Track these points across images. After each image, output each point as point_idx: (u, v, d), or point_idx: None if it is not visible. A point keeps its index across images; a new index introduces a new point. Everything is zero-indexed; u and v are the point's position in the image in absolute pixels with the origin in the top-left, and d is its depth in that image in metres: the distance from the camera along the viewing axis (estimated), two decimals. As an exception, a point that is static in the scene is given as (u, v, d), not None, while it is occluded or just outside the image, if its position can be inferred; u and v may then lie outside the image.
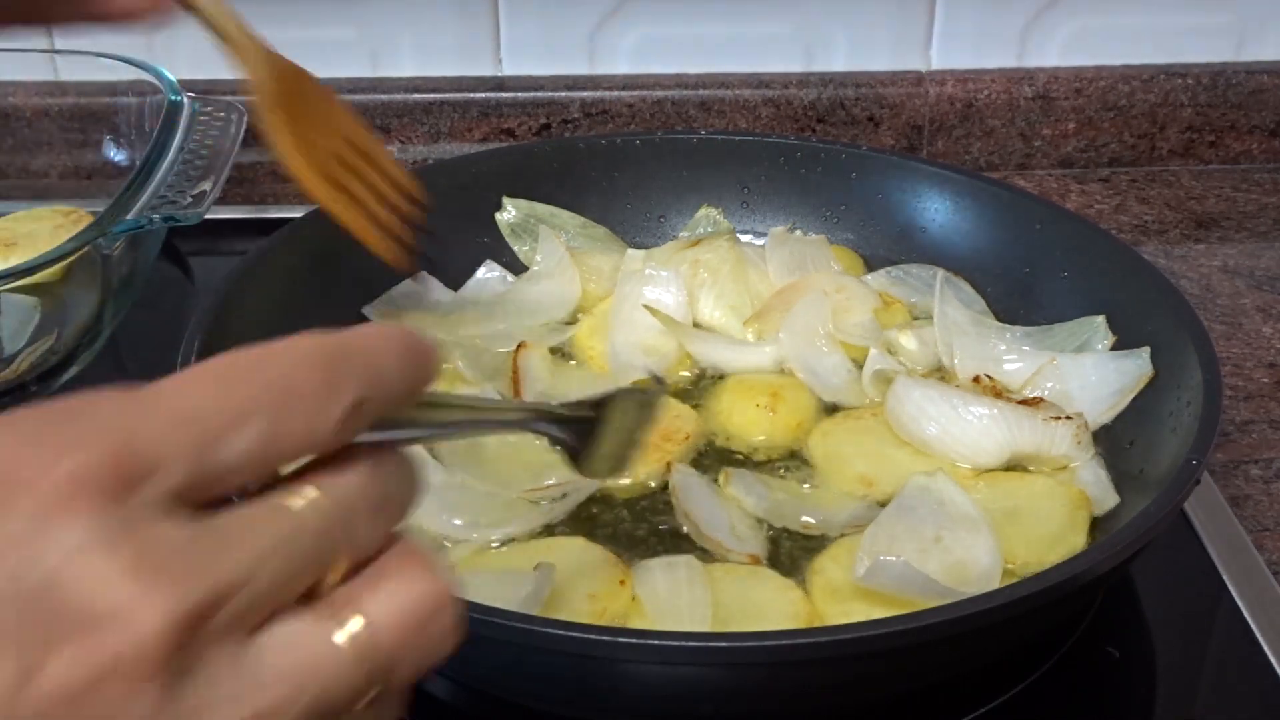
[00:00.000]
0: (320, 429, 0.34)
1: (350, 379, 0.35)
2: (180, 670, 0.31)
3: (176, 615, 0.31)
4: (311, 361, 0.35)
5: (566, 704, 0.67)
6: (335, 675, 0.34)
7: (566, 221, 0.98)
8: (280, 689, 0.33)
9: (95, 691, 0.30)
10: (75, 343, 0.88)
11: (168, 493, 0.32)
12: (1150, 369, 0.80)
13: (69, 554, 0.30)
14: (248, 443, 0.33)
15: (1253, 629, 0.73)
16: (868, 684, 0.63)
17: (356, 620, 0.34)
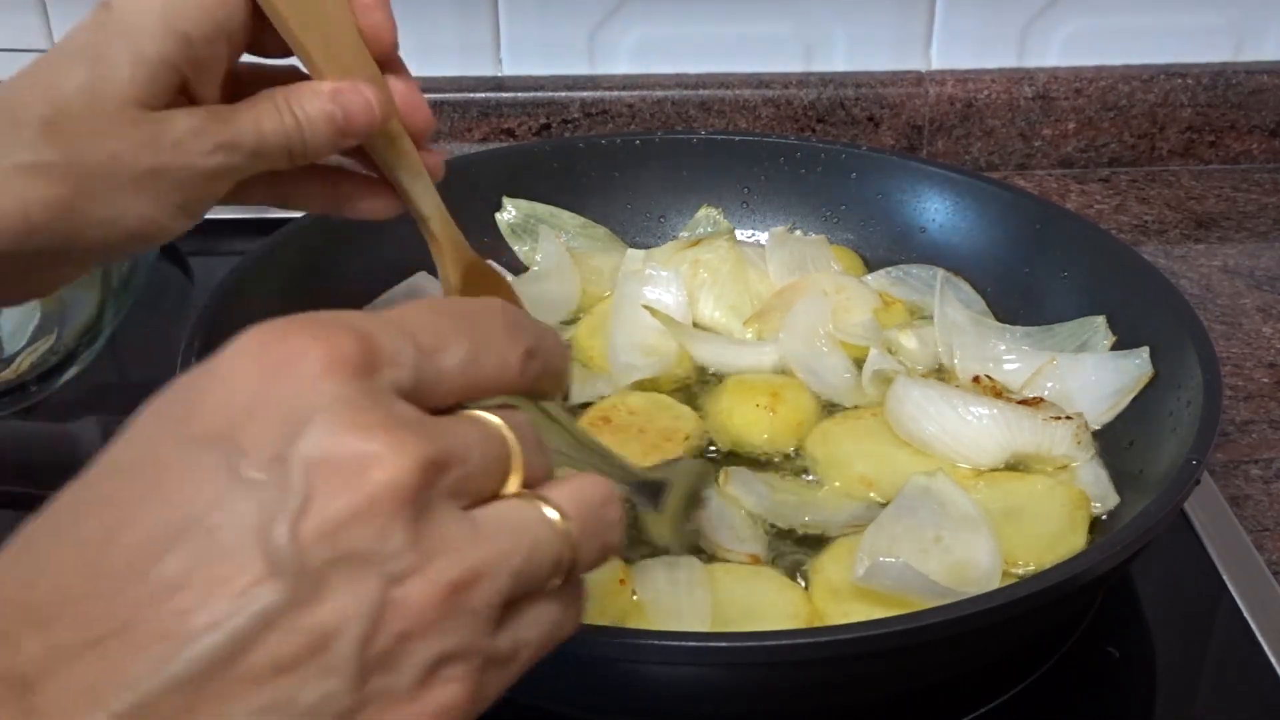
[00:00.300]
0: (507, 365, 0.41)
1: (523, 332, 0.42)
2: (421, 514, 0.37)
3: (420, 462, 0.37)
4: (497, 312, 0.42)
5: (566, 704, 0.67)
6: (539, 541, 0.40)
7: (566, 221, 0.98)
8: (499, 544, 0.39)
9: (356, 523, 0.36)
10: (75, 343, 0.88)
11: (398, 384, 0.38)
12: (1150, 369, 0.80)
13: (329, 415, 0.36)
14: (456, 360, 0.40)
15: (1253, 629, 0.73)
16: (868, 684, 0.63)
17: (550, 506, 0.40)
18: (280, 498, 0.36)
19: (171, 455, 0.37)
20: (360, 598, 0.36)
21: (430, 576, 0.37)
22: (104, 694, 0.34)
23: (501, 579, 0.38)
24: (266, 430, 0.36)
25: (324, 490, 0.36)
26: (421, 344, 0.39)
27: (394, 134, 0.63)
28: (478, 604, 0.38)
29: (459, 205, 0.95)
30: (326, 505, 0.36)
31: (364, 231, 0.88)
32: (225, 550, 0.35)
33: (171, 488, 0.36)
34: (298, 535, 0.35)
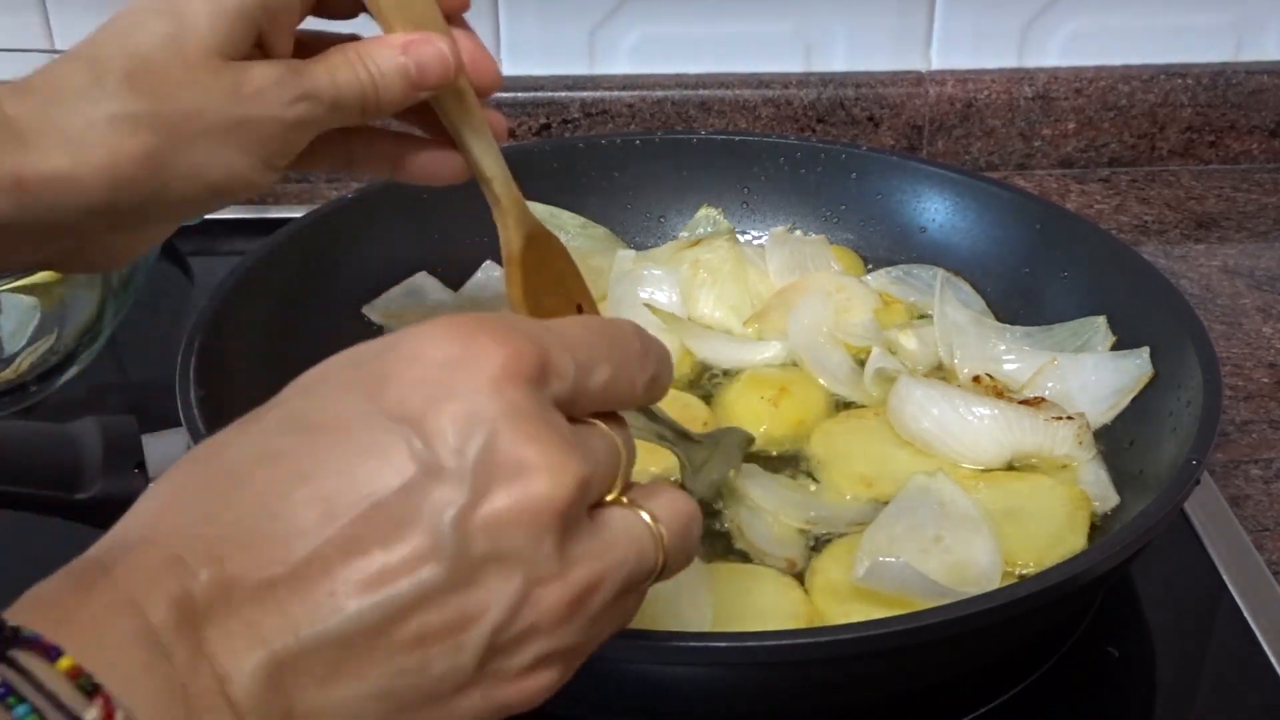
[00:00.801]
0: (635, 387, 0.45)
1: (653, 357, 0.46)
2: (568, 526, 0.40)
3: (576, 479, 0.40)
4: (634, 337, 0.46)
5: (566, 704, 0.66)
6: (645, 550, 0.43)
7: (566, 221, 0.98)
8: (619, 552, 0.42)
9: (518, 526, 0.39)
10: (75, 343, 0.88)
11: (559, 396, 0.42)
12: (1150, 369, 0.80)
13: (507, 419, 0.39)
14: (602, 380, 0.43)
15: (1253, 629, 0.73)
16: (868, 684, 0.63)
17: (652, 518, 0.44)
18: (454, 487, 0.39)
19: (361, 424, 0.39)
20: (505, 591, 0.39)
21: (566, 583, 0.41)
22: (268, 635, 0.37)
23: (616, 585, 0.42)
24: (449, 421, 0.39)
25: (492, 489, 0.39)
26: (579, 361, 0.43)
27: (462, 90, 0.63)
28: (594, 608, 0.42)
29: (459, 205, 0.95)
30: (493, 504, 0.39)
31: (364, 231, 0.88)
32: (398, 525, 0.38)
33: (358, 456, 0.39)
34: (464, 525, 0.39)
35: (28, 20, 1.16)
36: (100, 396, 0.90)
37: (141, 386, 0.97)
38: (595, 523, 0.42)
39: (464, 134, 0.65)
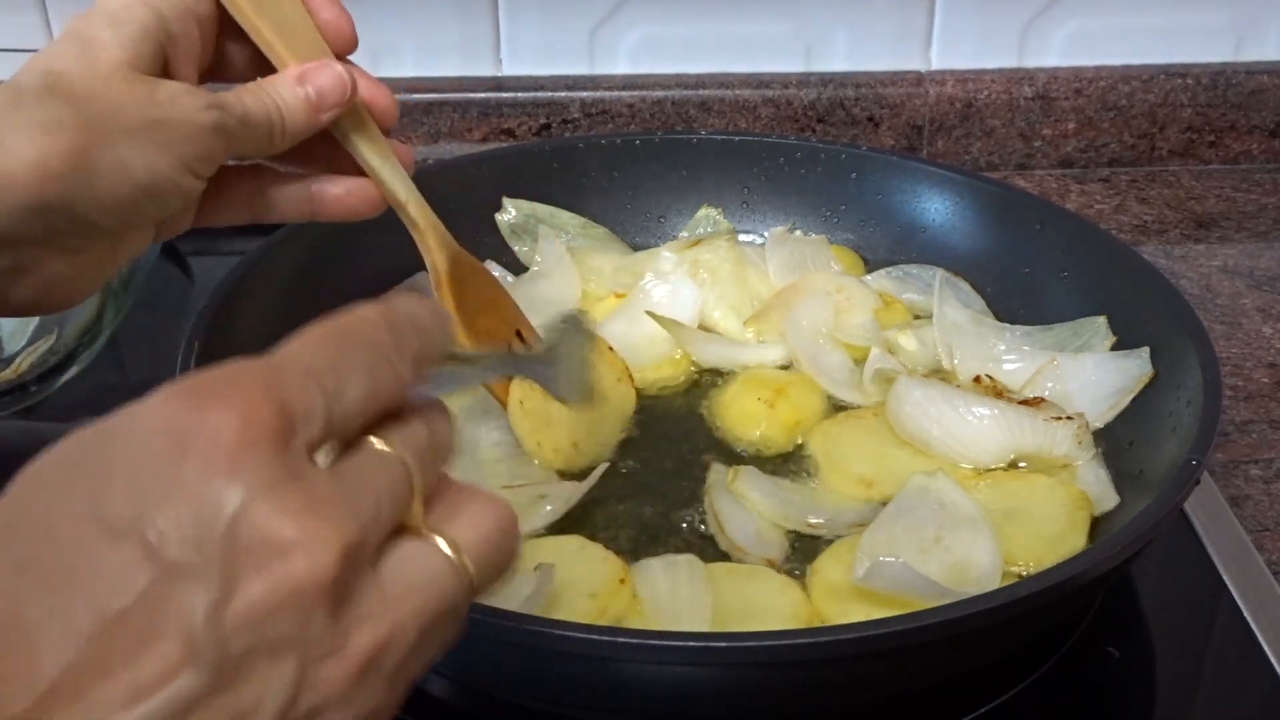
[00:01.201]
0: (400, 378, 0.41)
1: (408, 337, 0.42)
2: (341, 595, 0.37)
3: (340, 548, 0.37)
4: (380, 325, 0.41)
5: (566, 704, 0.67)
6: (445, 585, 0.40)
7: (566, 221, 0.98)
8: (409, 602, 0.39)
9: (280, 611, 0.36)
10: (75, 343, 0.88)
11: (311, 441, 0.38)
12: (1150, 369, 0.80)
13: (249, 498, 0.36)
14: (359, 390, 0.40)
15: (1253, 629, 0.73)
16: (868, 684, 0.63)
17: (446, 542, 0.41)
18: (201, 584, 0.35)
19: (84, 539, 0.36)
20: (278, 680, 0.36)
21: (348, 655, 0.38)
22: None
23: (410, 638, 0.39)
24: (184, 513, 0.36)
25: (245, 577, 0.36)
26: (326, 388, 0.39)
27: (361, 117, 0.67)
28: (388, 668, 0.39)
29: (459, 205, 0.95)
30: (247, 594, 0.35)
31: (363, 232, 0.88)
32: (145, 637, 0.35)
33: (87, 577, 0.35)
34: (219, 623, 0.35)
35: (28, 20, 1.16)
36: (100, 396, 0.90)
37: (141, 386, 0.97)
38: (380, 573, 0.39)
39: (372, 161, 0.67)
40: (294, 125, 0.63)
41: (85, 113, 0.57)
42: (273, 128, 0.62)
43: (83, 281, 0.63)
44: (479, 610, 0.58)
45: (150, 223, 0.63)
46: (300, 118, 0.63)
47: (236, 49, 0.66)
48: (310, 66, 0.63)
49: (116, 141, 0.58)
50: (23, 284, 0.60)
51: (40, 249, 0.59)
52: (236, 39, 0.65)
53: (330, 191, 0.68)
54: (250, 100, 0.62)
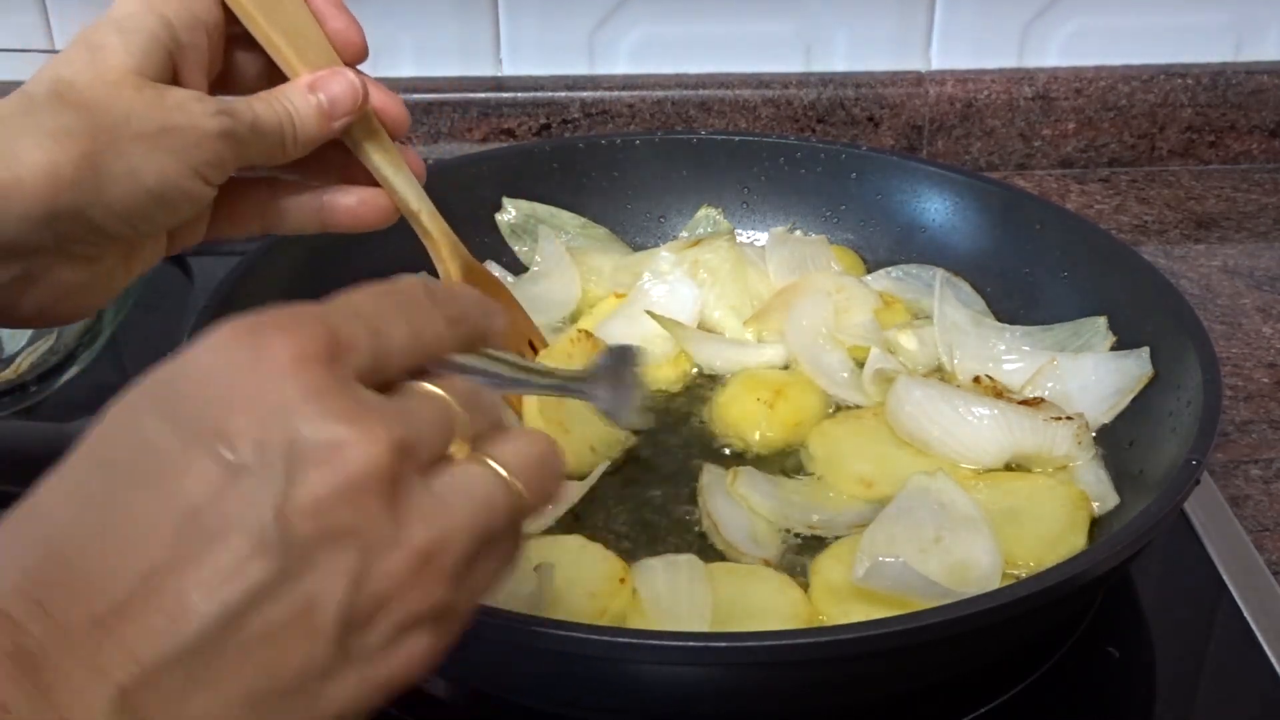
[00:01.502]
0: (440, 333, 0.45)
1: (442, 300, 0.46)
2: (395, 491, 0.40)
3: (391, 444, 0.40)
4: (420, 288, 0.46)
5: (566, 704, 0.67)
6: (495, 502, 0.43)
7: (566, 221, 0.98)
8: (462, 510, 0.42)
9: (339, 502, 0.39)
10: (75, 343, 0.88)
11: (359, 367, 0.41)
12: (1150, 369, 0.80)
13: (306, 404, 0.39)
14: (401, 334, 0.43)
15: (1253, 629, 0.73)
16: (868, 684, 0.63)
17: (496, 462, 0.44)
18: (266, 482, 0.39)
19: (163, 448, 0.39)
20: (342, 568, 0.39)
21: (405, 547, 0.40)
22: (109, 668, 0.37)
23: (466, 542, 0.42)
24: (249, 421, 0.39)
25: (306, 474, 0.39)
26: (371, 326, 0.42)
27: (373, 126, 0.67)
28: (444, 568, 0.41)
29: (459, 205, 0.95)
30: (309, 487, 0.39)
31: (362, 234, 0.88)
32: (219, 532, 0.38)
33: (166, 479, 0.39)
34: (284, 515, 0.38)
35: (28, 20, 1.16)
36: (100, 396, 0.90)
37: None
38: (432, 483, 0.42)
39: (384, 171, 0.67)
40: (306, 133, 0.63)
41: (95, 119, 0.58)
42: (284, 135, 0.63)
43: (94, 292, 0.63)
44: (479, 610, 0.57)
45: (161, 230, 0.63)
46: (312, 125, 0.63)
47: (247, 60, 0.66)
48: (322, 74, 0.64)
49: (126, 148, 0.58)
50: (34, 293, 0.61)
51: (52, 258, 0.59)
52: (247, 49, 0.66)
53: (342, 202, 0.68)
54: (261, 107, 0.62)
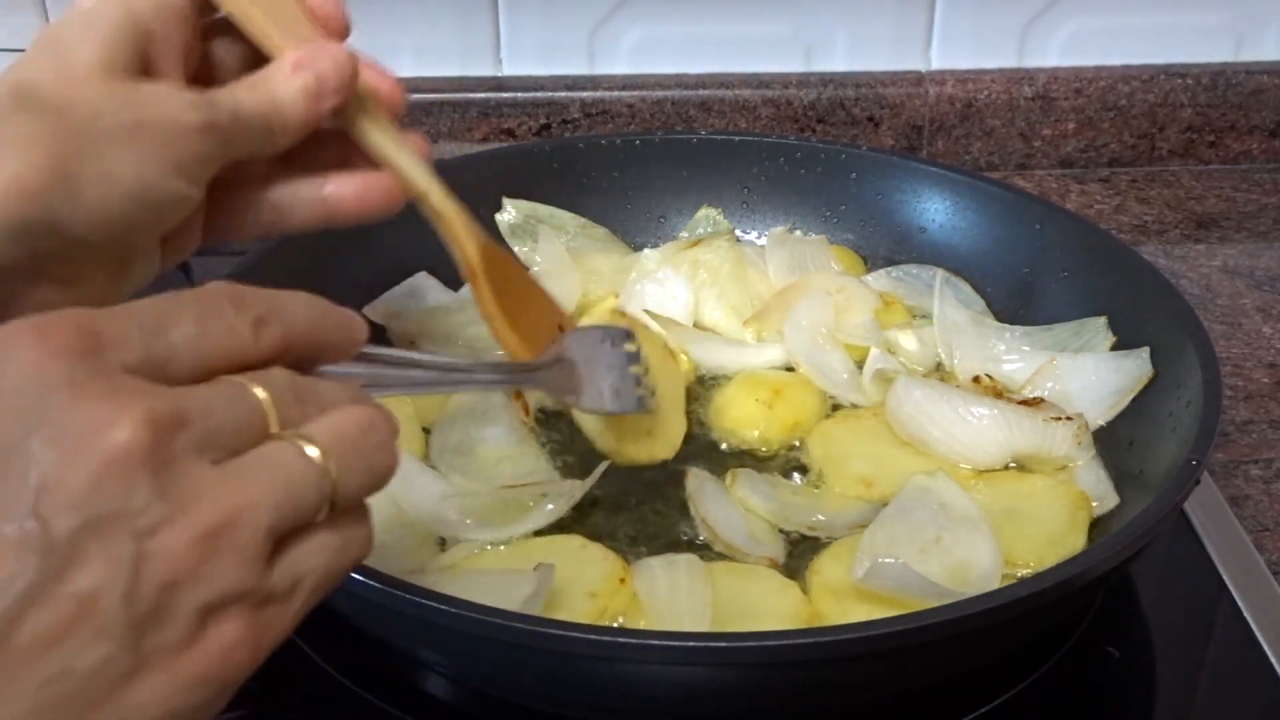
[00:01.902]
0: (238, 333, 0.43)
1: (251, 303, 0.43)
2: (162, 467, 0.38)
3: (148, 418, 0.38)
4: (222, 290, 0.43)
5: (567, 704, 0.67)
6: (295, 477, 0.41)
7: (566, 222, 0.98)
8: (252, 486, 0.40)
9: (98, 488, 0.37)
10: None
11: (125, 363, 0.40)
12: (1150, 369, 0.80)
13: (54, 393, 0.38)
14: (183, 336, 0.41)
15: (1253, 629, 0.73)
16: (868, 684, 0.63)
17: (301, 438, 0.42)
18: (17, 477, 0.37)
19: None
20: (114, 556, 0.37)
21: (183, 525, 0.38)
22: None
23: (260, 518, 0.40)
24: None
25: (60, 462, 0.37)
26: (146, 324, 0.41)
27: (367, 105, 0.63)
28: (239, 545, 0.39)
29: (459, 205, 0.95)
30: (63, 476, 0.37)
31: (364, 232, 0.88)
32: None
33: None
34: (40, 511, 0.37)
35: (28, 20, 1.16)
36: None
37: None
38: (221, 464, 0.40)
39: (385, 150, 0.64)
40: (293, 118, 0.59)
41: (62, 122, 0.54)
42: (270, 122, 0.59)
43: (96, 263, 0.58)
44: (478, 610, 0.58)
45: (149, 239, 0.59)
46: (299, 109, 0.59)
47: (227, 49, 0.63)
48: (305, 53, 0.59)
49: (98, 149, 0.54)
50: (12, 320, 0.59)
51: (30, 279, 0.55)
52: (226, 38, 0.62)
53: (346, 190, 0.64)
54: (244, 94, 0.58)
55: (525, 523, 0.73)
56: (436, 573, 0.69)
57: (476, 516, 0.73)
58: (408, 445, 0.78)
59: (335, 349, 0.47)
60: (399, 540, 0.72)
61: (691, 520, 0.75)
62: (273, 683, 0.70)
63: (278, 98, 0.59)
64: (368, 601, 0.60)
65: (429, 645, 0.66)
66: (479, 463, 0.78)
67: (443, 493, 0.74)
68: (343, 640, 0.70)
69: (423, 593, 0.58)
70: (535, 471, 0.77)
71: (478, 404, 0.80)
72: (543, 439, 0.81)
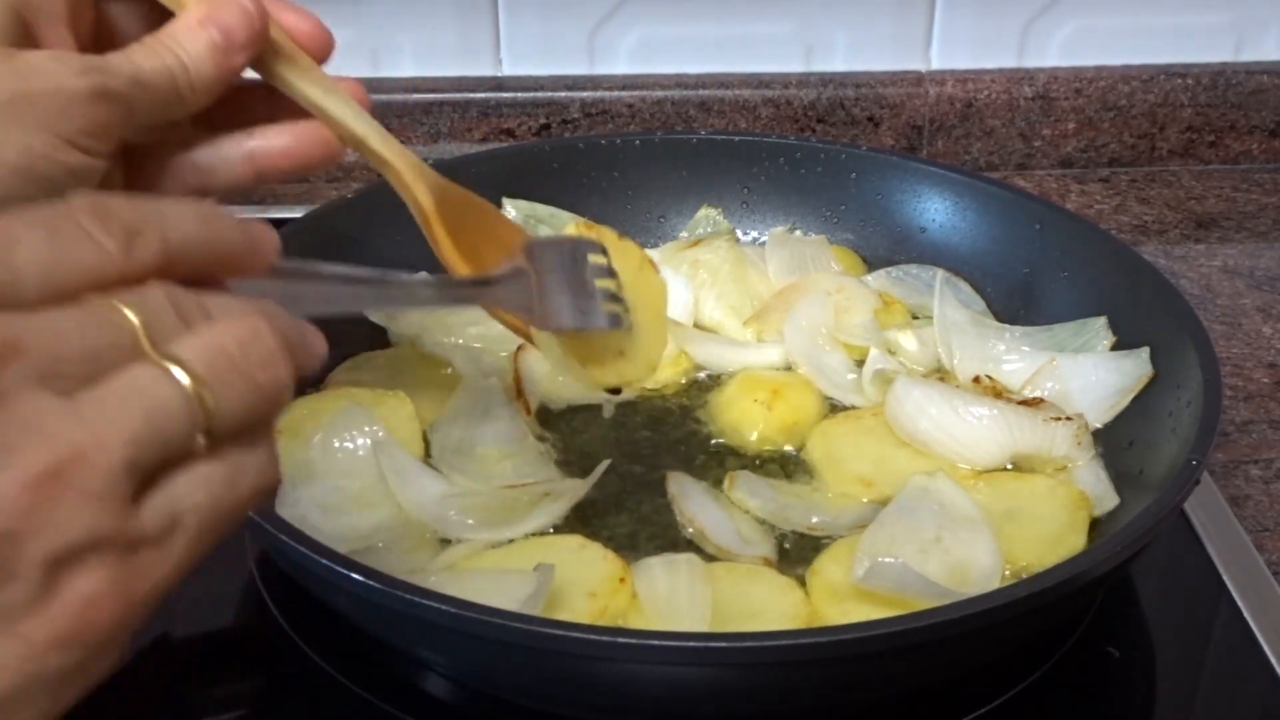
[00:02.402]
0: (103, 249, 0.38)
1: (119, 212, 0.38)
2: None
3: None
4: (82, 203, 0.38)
5: (567, 704, 0.67)
6: (157, 403, 0.37)
7: (566, 222, 0.98)
8: (103, 418, 0.35)
9: None
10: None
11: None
12: (1150, 369, 0.80)
13: None
14: (34, 252, 0.36)
15: (1253, 629, 0.73)
16: (868, 684, 0.63)
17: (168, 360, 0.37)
18: None
19: None
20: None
21: (19, 465, 0.34)
22: None
23: (113, 453, 0.35)
24: None
25: None
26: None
27: (288, 50, 0.59)
28: (89, 484, 0.35)
29: (459, 205, 0.95)
30: None
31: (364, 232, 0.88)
32: None
33: None
34: None
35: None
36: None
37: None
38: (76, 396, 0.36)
39: (312, 95, 0.59)
40: (202, 76, 0.55)
41: None
42: (177, 83, 0.54)
43: None
44: (478, 610, 0.58)
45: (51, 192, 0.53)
46: (208, 66, 0.55)
47: (122, 9, 0.59)
48: (209, 6, 0.55)
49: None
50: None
51: None
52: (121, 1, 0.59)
53: (274, 144, 0.60)
54: (144, 56, 0.54)
55: (526, 522, 0.73)
56: (436, 573, 0.69)
57: (478, 516, 0.73)
58: (408, 445, 0.78)
59: (237, 263, 0.42)
60: (399, 540, 0.72)
61: (691, 521, 0.75)
62: (273, 683, 0.71)
63: (183, 56, 0.55)
64: (368, 601, 0.60)
65: (429, 645, 0.66)
66: (480, 462, 0.78)
67: (443, 493, 0.74)
68: (343, 640, 0.70)
69: (423, 593, 0.58)
70: (536, 471, 0.77)
71: (478, 403, 0.80)
72: (543, 438, 0.81)
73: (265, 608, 0.73)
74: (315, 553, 0.61)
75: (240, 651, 0.73)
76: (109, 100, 0.52)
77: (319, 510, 0.72)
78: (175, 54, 0.55)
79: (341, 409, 0.78)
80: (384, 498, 0.74)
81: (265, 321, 0.40)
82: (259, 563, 0.75)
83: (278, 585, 0.74)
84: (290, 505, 0.72)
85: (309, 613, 0.71)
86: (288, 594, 0.73)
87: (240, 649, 0.73)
